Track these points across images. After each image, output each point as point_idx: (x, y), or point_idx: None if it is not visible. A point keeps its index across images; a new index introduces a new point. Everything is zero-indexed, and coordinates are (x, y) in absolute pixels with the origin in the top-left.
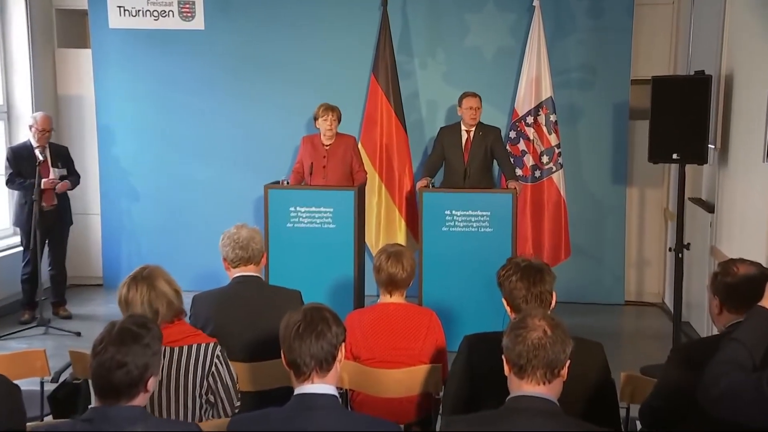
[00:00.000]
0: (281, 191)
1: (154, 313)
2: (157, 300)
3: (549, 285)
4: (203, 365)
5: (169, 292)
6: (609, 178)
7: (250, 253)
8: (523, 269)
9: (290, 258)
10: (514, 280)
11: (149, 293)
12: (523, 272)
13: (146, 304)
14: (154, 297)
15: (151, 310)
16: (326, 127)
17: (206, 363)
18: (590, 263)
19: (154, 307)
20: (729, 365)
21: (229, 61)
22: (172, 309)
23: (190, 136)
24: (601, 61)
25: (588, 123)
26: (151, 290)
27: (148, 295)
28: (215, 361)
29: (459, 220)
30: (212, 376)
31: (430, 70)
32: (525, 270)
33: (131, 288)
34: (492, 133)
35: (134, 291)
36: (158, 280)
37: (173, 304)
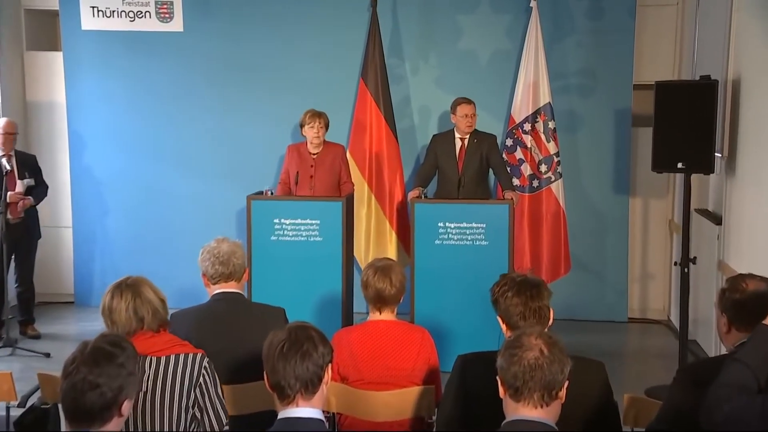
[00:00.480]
0: (265, 202)
1: (139, 321)
2: (142, 307)
3: (546, 300)
4: (190, 376)
5: (154, 300)
6: (611, 189)
7: (231, 268)
8: (518, 285)
9: (274, 273)
10: (509, 296)
11: (134, 300)
12: (519, 288)
13: (131, 311)
14: (139, 304)
15: (135, 318)
16: (313, 134)
17: (193, 373)
18: (591, 278)
19: (139, 314)
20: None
21: (210, 64)
22: (158, 318)
23: (169, 144)
24: (601, 64)
25: (588, 130)
26: (136, 297)
27: (132, 302)
28: (203, 372)
29: (453, 232)
30: (199, 387)
31: (422, 75)
32: (521, 285)
33: (115, 296)
34: (487, 140)
35: (118, 299)
36: (143, 288)
37: (159, 313)
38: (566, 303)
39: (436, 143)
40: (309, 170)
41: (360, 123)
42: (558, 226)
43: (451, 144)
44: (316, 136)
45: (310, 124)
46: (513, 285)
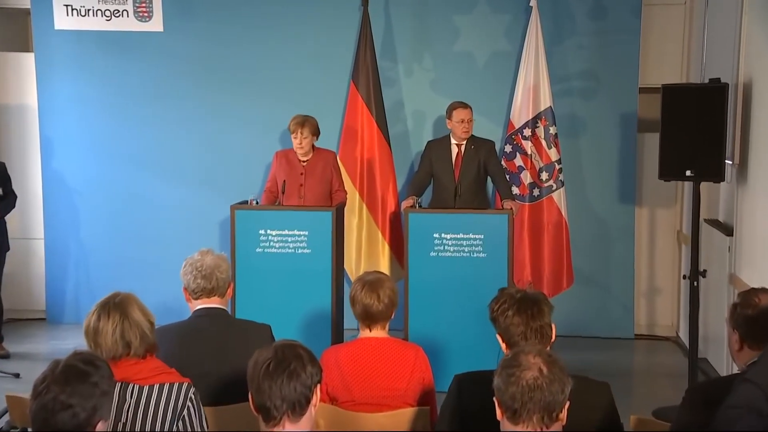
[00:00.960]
0: (249, 212)
1: (126, 346)
2: (129, 331)
3: (548, 317)
4: (174, 407)
5: (143, 322)
6: (616, 198)
7: (214, 283)
8: (518, 302)
9: (259, 287)
10: (510, 314)
11: (122, 323)
12: (520, 305)
13: (117, 335)
14: (127, 327)
15: (122, 342)
16: (296, 145)
17: (177, 404)
18: (595, 292)
19: (126, 338)
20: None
21: (192, 66)
22: (145, 342)
23: (148, 150)
24: (605, 67)
25: (592, 136)
26: (125, 319)
27: (120, 324)
28: (188, 404)
29: (449, 244)
30: (182, 420)
31: (416, 78)
32: (521, 303)
33: (101, 316)
34: (485, 146)
35: (105, 320)
36: (132, 309)
37: (147, 337)
38: (569, 319)
39: (431, 150)
40: (299, 178)
41: (351, 128)
42: (560, 237)
43: (447, 151)
44: (299, 147)
45: (293, 134)
46: (513, 303)
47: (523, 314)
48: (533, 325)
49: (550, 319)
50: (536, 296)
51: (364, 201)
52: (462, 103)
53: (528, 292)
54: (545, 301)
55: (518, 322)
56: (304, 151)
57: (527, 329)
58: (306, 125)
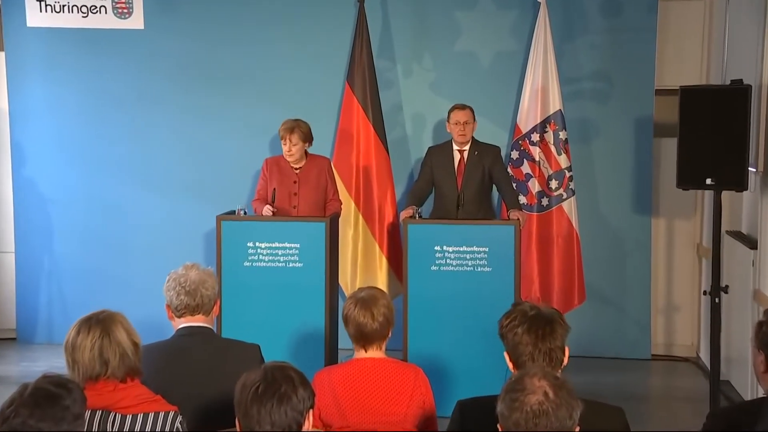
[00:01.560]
0: (237, 223)
1: (103, 364)
2: (108, 348)
3: (560, 340)
4: None
5: (125, 342)
6: (630, 208)
7: (199, 300)
8: (530, 320)
9: (247, 304)
10: (519, 332)
11: (101, 339)
12: (531, 323)
13: (96, 351)
14: (106, 344)
15: (100, 360)
16: (285, 152)
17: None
18: (609, 309)
19: (104, 356)
20: None
21: (175, 67)
22: (126, 364)
23: (128, 157)
24: (619, 67)
25: (604, 141)
26: (105, 336)
27: (99, 341)
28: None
29: (451, 257)
30: None
31: (416, 79)
32: (533, 321)
33: (82, 330)
34: (490, 152)
35: (84, 334)
36: (115, 326)
37: (127, 359)
38: (580, 338)
39: (431, 156)
40: (292, 187)
41: (345, 133)
42: (571, 250)
43: (449, 157)
44: (289, 154)
45: (283, 140)
46: (524, 320)
47: (534, 333)
48: (542, 346)
49: (564, 342)
50: (551, 315)
51: (360, 211)
52: (459, 105)
53: (542, 310)
54: (560, 321)
55: (527, 341)
56: (294, 158)
57: (535, 350)
58: (295, 131)
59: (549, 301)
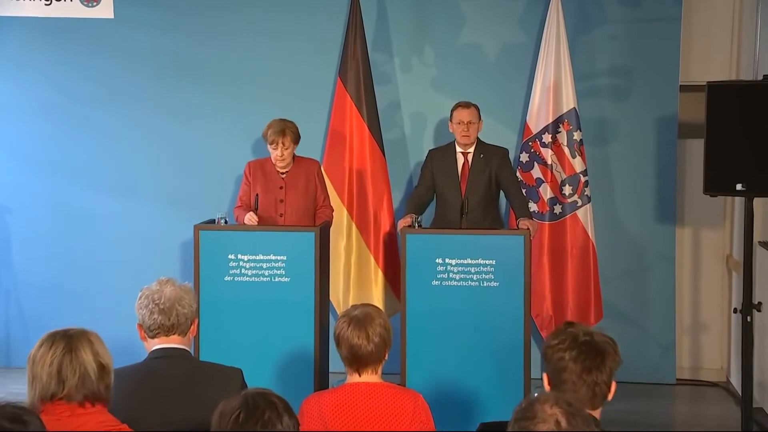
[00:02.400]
0: (217, 233)
1: (59, 383)
2: (68, 367)
3: (608, 374)
4: None
5: (89, 362)
6: (652, 216)
7: (174, 319)
8: (580, 347)
9: (228, 323)
10: (566, 358)
11: (63, 356)
12: (581, 351)
13: (54, 367)
14: (67, 362)
15: (57, 378)
16: (276, 157)
17: None
18: (629, 329)
19: (62, 375)
20: None
21: (149, 61)
22: (86, 386)
23: (97, 161)
24: (640, 61)
25: (624, 142)
26: (67, 353)
27: (60, 357)
28: None
29: (454, 271)
30: None
31: (415, 74)
32: (583, 349)
33: (45, 344)
34: (497, 155)
35: (46, 348)
36: (82, 344)
37: (89, 380)
38: None
39: (432, 160)
40: (278, 193)
41: (337, 134)
42: (586, 262)
43: (452, 160)
44: (280, 159)
45: (272, 144)
46: (573, 345)
47: (581, 363)
48: (588, 378)
49: (612, 376)
50: (603, 346)
51: (353, 220)
52: (463, 103)
53: (596, 338)
54: (613, 354)
55: (572, 369)
56: (285, 163)
57: (579, 380)
58: (287, 134)
59: (562, 319)
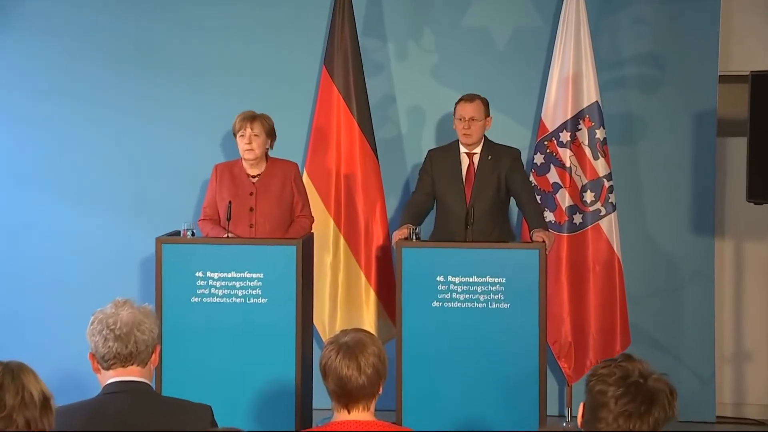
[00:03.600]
0: (182, 246)
1: None
2: (11, 385)
3: (650, 426)
4: None
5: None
6: (688, 226)
7: (133, 347)
8: (629, 387)
9: (196, 352)
10: (608, 395)
11: (2, 375)
12: (627, 392)
13: None
14: (8, 381)
15: None
16: (244, 146)
17: None
18: (661, 358)
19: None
20: None
21: (103, 45)
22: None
23: (43, 164)
24: (673, 48)
25: (654, 142)
26: (8, 373)
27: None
28: None
29: (458, 290)
30: None
31: (413, 62)
32: (631, 390)
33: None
34: (507, 156)
35: None
36: (24, 371)
37: (32, 407)
38: None
39: (433, 161)
40: (248, 200)
41: (322, 131)
42: (611, 280)
43: (455, 162)
44: (248, 149)
45: (240, 131)
46: (621, 383)
47: (622, 405)
48: (625, 425)
49: (658, 427)
50: (656, 393)
51: (341, 232)
52: (467, 96)
53: (650, 382)
54: (666, 404)
55: (611, 409)
56: (255, 154)
57: (614, 423)
58: (258, 120)
59: (584, 346)
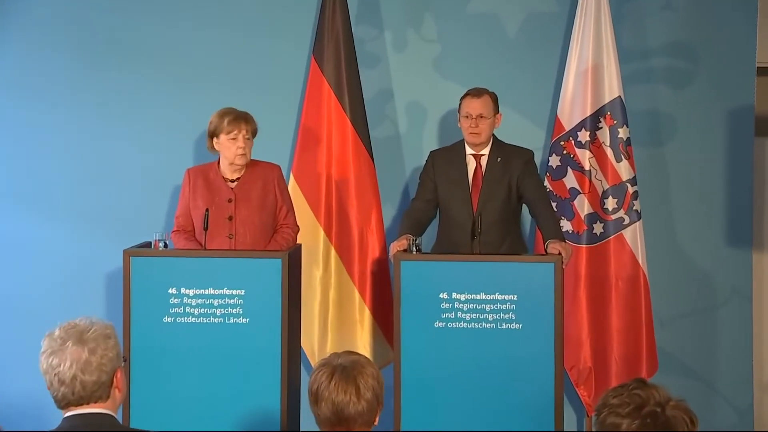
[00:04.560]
0: (154, 259)
1: None
2: None
3: None
4: None
5: None
6: (723, 237)
7: (80, 391)
8: (644, 418)
9: (169, 378)
10: (622, 426)
11: None
12: (643, 424)
13: None
14: None
15: None
16: (236, 150)
17: None
18: (693, 386)
19: None
20: None
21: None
22: None
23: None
24: (705, 37)
25: (684, 142)
26: None
27: None
28: None
29: (463, 309)
30: None
31: (412, 53)
32: (648, 421)
33: None
34: (518, 159)
35: None
36: None
37: None
38: None
39: (435, 164)
40: (226, 208)
41: (310, 130)
42: (636, 298)
43: (460, 165)
44: (241, 154)
45: (232, 133)
46: (635, 414)
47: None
48: None
49: None
50: (675, 422)
51: (332, 243)
52: (474, 91)
53: (669, 411)
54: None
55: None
56: (246, 161)
57: None
58: (250, 121)
59: (606, 371)
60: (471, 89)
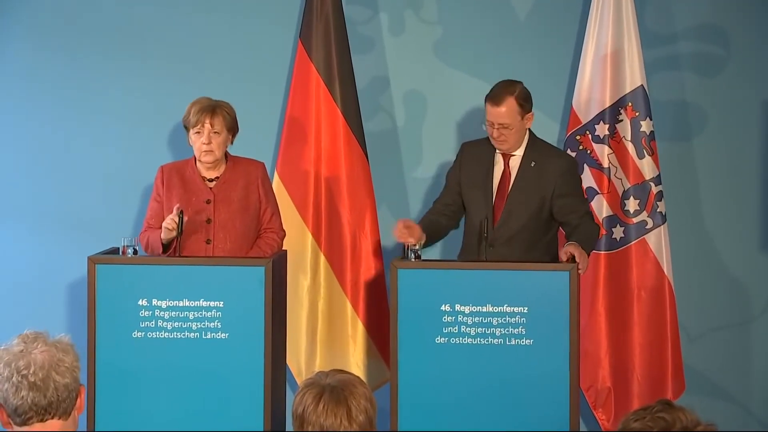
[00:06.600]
0: (122, 267)
1: None
2: None
3: None
4: None
5: None
6: (756, 243)
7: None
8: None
9: (138, 399)
10: None
11: None
12: None
13: None
14: None
15: None
16: (201, 146)
17: None
18: (724, 408)
19: None
20: None
21: (15, 14)
22: None
23: None
24: (738, 20)
25: (714, 137)
26: None
27: None
28: None
29: (468, 322)
30: None
31: (411, 36)
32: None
33: None
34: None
35: None
36: None
37: None
38: None
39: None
40: (204, 209)
41: (297, 123)
42: (661, 310)
43: (487, 164)
44: (207, 150)
45: (196, 126)
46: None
47: None
48: None
49: None
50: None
51: (321, 249)
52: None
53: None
54: None
55: None
56: (215, 156)
57: None
58: (218, 113)
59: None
60: (492, 91)
